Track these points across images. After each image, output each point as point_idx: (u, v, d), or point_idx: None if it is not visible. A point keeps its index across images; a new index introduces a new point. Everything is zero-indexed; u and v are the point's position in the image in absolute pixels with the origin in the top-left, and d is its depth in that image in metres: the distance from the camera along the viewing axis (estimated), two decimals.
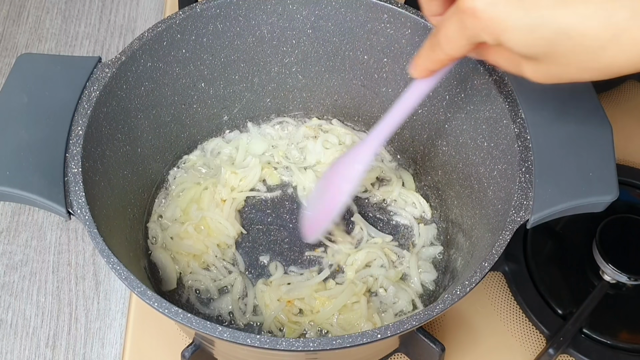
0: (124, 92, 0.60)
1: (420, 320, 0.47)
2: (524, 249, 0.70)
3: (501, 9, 0.36)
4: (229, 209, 0.69)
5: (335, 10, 0.65)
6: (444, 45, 0.41)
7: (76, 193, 0.51)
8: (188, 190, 0.70)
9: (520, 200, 0.53)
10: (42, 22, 1.72)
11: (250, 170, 0.71)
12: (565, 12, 0.35)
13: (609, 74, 0.37)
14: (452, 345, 0.66)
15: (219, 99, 0.71)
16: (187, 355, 0.59)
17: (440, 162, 0.69)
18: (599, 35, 0.35)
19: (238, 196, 0.70)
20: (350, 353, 0.56)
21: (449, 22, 0.40)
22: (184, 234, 0.67)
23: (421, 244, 0.69)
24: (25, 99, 0.55)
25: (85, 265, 1.37)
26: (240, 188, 0.71)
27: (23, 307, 1.32)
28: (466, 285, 0.49)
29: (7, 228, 1.41)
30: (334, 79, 0.72)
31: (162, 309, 0.47)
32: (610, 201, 0.53)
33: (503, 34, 0.37)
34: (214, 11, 0.63)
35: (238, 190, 0.71)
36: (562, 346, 0.64)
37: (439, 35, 0.42)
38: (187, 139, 0.72)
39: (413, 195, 0.71)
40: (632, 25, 0.34)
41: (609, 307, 0.67)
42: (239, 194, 0.70)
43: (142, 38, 0.60)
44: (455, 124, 0.65)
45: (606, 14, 0.34)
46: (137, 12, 1.75)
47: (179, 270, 0.67)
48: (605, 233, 0.67)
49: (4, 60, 1.65)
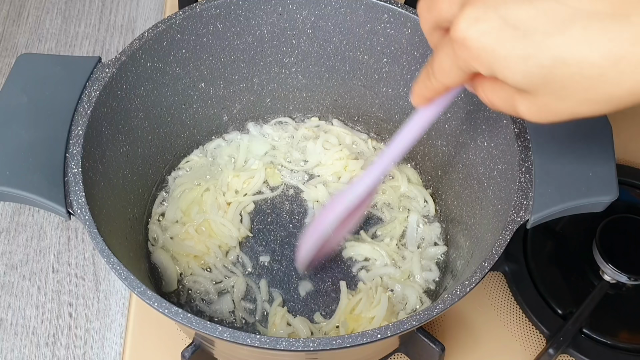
0: (124, 92, 0.60)
1: (420, 320, 0.47)
2: (524, 249, 0.70)
3: (493, 37, 0.34)
4: (233, 211, 0.69)
5: (335, 10, 0.65)
6: (438, 75, 0.41)
7: (76, 193, 0.51)
8: (189, 192, 0.70)
9: (520, 200, 0.53)
10: (42, 22, 1.72)
11: (254, 173, 0.71)
12: (561, 38, 0.33)
13: (609, 106, 0.35)
14: (452, 345, 0.66)
15: (219, 99, 0.71)
16: (187, 355, 0.59)
17: (440, 162, 0.69)
18: (599, 62, 0.32)
19: (245, 200, 0.70)
20: (350, 353, 0.56)
21: (442, 52, 0.39)
22: (185, 235, 0.67)
23: (425, 244, 0.69)
24: (25, 99, 0.55)
25: (85, 265, 1.37)
26: (245, 191, 0.71)
27: (23, 307, 1.32)
28: (466, 285, 0.49)
29: (7, 228, 1.41)
30: (334, 79, 0.72)
31: (162, 308, 0.47)
32: (610, 201, 0.53)
33: (496, 63, 0.35)
34: (214, 11, 0.63)
35: (243, 194, 0.71)
36: (562, 346, 0.64)
37: (433, 64, 0.41)
38: (187, 139, 0.72)
39: (419, 190, 0.71)
40: (634, 52, 0.32)
41: (609, 307, 0.67)
42: (245, 198, 0.70)
43: (142, 38, 0.60)
44: (455, 124, 0.65)
45: (606, 39, 0.32)
46: (137, 12, 1.75)
47: (179, 271, 0.67)
48: (605, 233, 0.67)
49: (4, 60, 1.65)
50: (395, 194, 0.71)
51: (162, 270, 0.66)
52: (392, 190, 0.71)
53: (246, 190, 0.71)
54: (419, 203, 0.71)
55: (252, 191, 0.71)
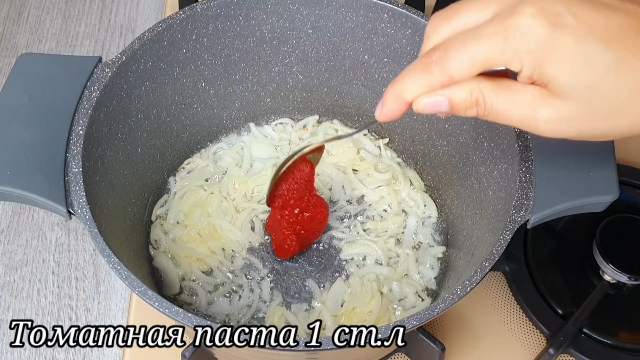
0: (124, 92, 0.60)
1: (421, 320, 0.47)
2: (524, 249, 0.70)
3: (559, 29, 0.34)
4: (244, 218, 0.69)
5: (336, 10, 0.65)
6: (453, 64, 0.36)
7: (77, 193, 0.51)
8: (191, 194, 0.70)
9: (520, 200, 0.53)
10: (42, 22, 1.72)
11: (262, 179, 0.71)
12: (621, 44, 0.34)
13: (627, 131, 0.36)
14: (453, 345, 0.66)
15: (219, 99, 0.71)
16: (187, 355, 0.59)
17: (441, 162, 0.69)
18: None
19: (258, 207, 0.70)
20: (350, 352, 0.56)
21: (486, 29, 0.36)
22: (187, 237, 0.67)
23: (425, 244, 0.69)
24: (26, 98, 0.56)
25: (85, 265, 1.37)
26: (258, 198, 0.70)
27: (23, 307, 1.32)
28: (466, 285, 0.49)
29: (7, 228, 1.41)
30: (335, 79, 0.72)
31: (162, 308, 0.47)
32: (611, 201, 0.53)
33: (552, 59, 0.35)
34: (214, 11, 0.63)
35: (257, 200, 0.70)
36: (563, 346, 0.64)
37: (451, 52, 0.37)
38: (188, 139, 0.72)
39: (421, 196, 0.71)
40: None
41: (609, 307, 0.67)
42: (259, 205, 0.70)
43: (143, 38, 0.60)
44: (455, 123, 0.65)
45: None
46: (138, 12, 1.75)
47: (181, 274, 0.66)
48: (605, 233, 0.67)
49: (5, 60, 1.65)
50: (396, 197, 0.71)
51: (163, 274, 0.66)
52: (393, 194, 0.71)
53: (258, 198, 0.71)
54: (419, 207, 0.71)
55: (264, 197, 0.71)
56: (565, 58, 0.35)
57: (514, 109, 0.38)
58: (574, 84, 0.36)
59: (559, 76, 0.36)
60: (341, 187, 0.72)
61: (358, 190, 0.71)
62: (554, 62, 0.35)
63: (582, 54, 0.35)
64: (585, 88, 0.36)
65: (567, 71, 0.35)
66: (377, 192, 0.71)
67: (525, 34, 0.35)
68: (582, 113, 0.37)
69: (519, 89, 0.38)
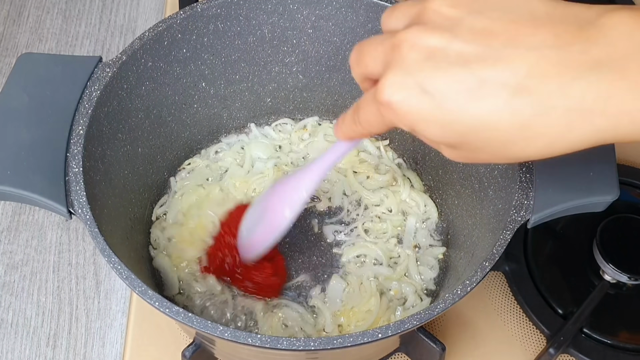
0: (124, 92, 0.60)
1: (421, 320, 0.47)
2: (525, 249, 0.70)
3: (413, 104, 0.37)
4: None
5: (336, 10, 0.65)
6: (364, 124, 0.44)
7: (77, 192, 0.52)
8: (191, 193, 0.70)
9: (520, 199, 0.53)
10: (42, 22, 1.72)
11: (264, 179, 0.71)
12: (475, 106, 0.35)
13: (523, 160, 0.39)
14: (453, 345, 0.66)
15: (219, 99, 0.71)
16: (187, 355, 0.59)
17: (441, 161, 0.69)
18: (507, 129, 0.35)
19: None
20: (351, 352, 0.56)
21: (368, 108, 0.42)
22: (179, 237, 0.67)
23: (424, 244, 0.69)
24: (26, 98, 0.56)
25: (85, 264, 1.37)
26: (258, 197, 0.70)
27: (23, 307, 1.32)
28: (467, 285, 0.49)
29: (7, 228, 1.41)
30: (335, 78, 0.72)
31: (163, 308, 0.47)
32: (611, 201, 0.53)
33: (417, 126, 0.38)
34: (214, 11, 0.63)
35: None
36: (563, 346, 0.64)
37: (359, 114, 0.44)
38: (188, 139, 0.72)
39: (421, 197, 0.71)
40: (536, 122, 0.34)
41: (609, 307, 0.67)
42: None
43: (143, 38, 0.60)
44: None
45: (512, 109, 0.34)
46: (138, 12, 1.75)
47: (179, 274, 0.66)
48: (605, 233, 0.67)
49: (5, 60, 1.65)
50: (396, 198, 0.71)
51: (164, 275, 0.66)
52: (392, 196, 0.71)
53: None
54: (419, 208, 0.71)
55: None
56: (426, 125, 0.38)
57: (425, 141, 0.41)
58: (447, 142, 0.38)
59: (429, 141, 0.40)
60: (342, 192, 0.72)
61: (358, 193, 0.71)
62: (420, 130, 0.38)
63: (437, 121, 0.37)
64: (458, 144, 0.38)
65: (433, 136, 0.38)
66: (377, 195, 0.71)
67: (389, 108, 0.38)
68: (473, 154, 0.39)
69: None
